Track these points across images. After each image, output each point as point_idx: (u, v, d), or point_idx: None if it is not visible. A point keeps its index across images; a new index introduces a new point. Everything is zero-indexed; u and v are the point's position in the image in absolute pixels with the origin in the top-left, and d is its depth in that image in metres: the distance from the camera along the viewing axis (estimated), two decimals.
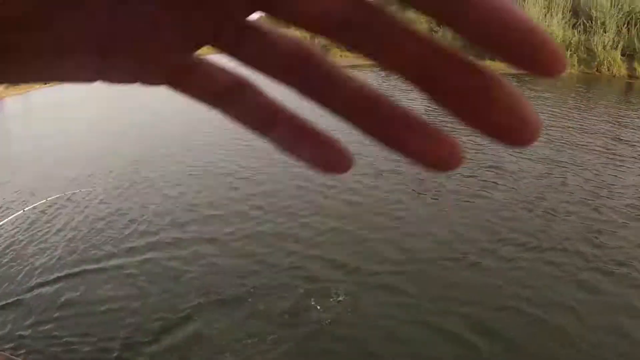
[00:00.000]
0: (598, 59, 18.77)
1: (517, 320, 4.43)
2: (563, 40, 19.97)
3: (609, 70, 18.52)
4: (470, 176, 7.97)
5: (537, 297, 4.74)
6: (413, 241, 5.95)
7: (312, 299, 4.74)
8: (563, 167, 8.69)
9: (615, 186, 7.84)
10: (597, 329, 4.28)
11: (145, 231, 6.44)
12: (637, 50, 18.45)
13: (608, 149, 9.85)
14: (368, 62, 0.22)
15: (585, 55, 19.27)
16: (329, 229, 6.30)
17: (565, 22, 20.37)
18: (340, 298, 4.75)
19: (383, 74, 21.08)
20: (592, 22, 19.57)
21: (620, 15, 19.15)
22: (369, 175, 7.95)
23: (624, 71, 18.39)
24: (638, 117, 12.53)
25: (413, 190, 7.60)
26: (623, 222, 6.44)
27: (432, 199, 7.38)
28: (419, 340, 4.22)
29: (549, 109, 13.26)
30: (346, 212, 6.82)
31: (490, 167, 8.49)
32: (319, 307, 4.62)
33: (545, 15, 20.58)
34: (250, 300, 4.80)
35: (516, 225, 6.33)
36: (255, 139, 0.28)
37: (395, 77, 0.20)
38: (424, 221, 6.60)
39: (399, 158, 0.24)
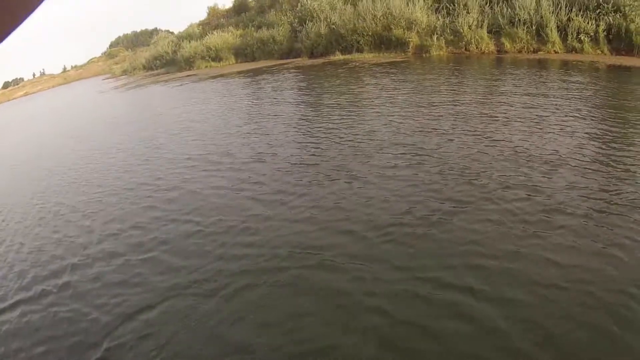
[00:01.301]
0: (465, 39, 18.16)
1: None
2: (428, 25, 19.32)
3: (477, 47, 17.94)
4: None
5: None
6: None
7: None
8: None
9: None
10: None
11: None
12: (502, 26, 18.04)
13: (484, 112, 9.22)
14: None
15: (452, 37, 18.64)
16: None
17: (428, 8, 19.76)
18: None
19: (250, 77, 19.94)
20: (454, 5, 19.11)
21: None
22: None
23: (492, 47, 17.89)
24: (504, 85, 11.97)
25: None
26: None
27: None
28: None
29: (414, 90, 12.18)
30: None
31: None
32: None
33: (408, 3, 19.91)
34: None
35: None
36: None
37: None
38: None
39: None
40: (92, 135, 14.67)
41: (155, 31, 51.32)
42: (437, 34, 18.82)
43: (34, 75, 61.67)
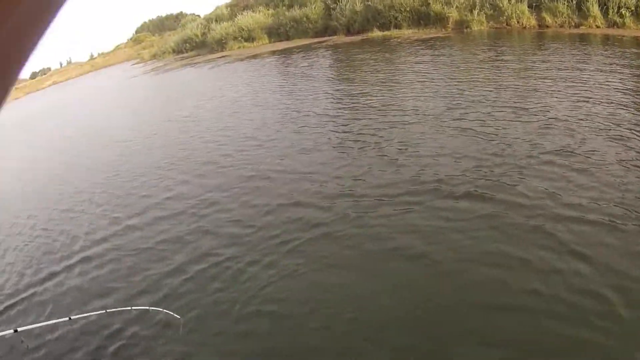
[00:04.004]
0: (506, 13, 18.69)
1: None
2: (467, 0, 19.86)
3: (518, 22, 18.47)
4: None
5: None
6: None
7: None
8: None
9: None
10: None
11: None
12: (542, 1, 18.50)
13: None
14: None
15: (492, 12, 19.18)
16: None
17: None
18: None
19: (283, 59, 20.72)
20: None
21: None
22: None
23: (533, 22, 18.40)
24: (541, 61, 12.66)
25: None
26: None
27: None
28: None
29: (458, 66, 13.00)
30: None
31: None
32: None
33: None
34: None
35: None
36: None
37: None
38: None
39: None
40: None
41: (181, 15, 52.49)
42: (477, 9, 19.35)
43: (60, 64, 63.48)
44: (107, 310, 3.98)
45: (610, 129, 7.08)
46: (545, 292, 3.86)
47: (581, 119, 7.66)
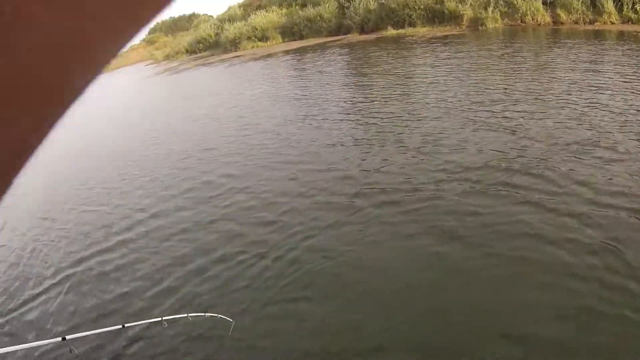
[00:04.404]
0: (520, 11, 18.91)
1: None
2: None
3: (533, 19, 18.68)
4: None
5: None
6: None
7: None
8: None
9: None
10: None
11: None
12: None
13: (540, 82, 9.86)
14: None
15: (506, 9, 19.40)
16: None
17: None
18: None
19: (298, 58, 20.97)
20: None
21: None
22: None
23: (548, 19, 18.61)
24: (557, 56, 12.84)
25: None
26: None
27: None
28: None
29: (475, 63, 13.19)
30: None
31: None
32: None
33: None
34: None
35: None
36: None
37: None
38: None
39: None
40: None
41: (194, 15, 53.03)
42: (490, 6, 19.58)
43: None
44: (163, 319, 3.75)
45: (631, 121, 7.36)
46: (579, 290, 4.00)
47: (602, 113, 7.94)
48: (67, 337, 3.28)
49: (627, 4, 16.58)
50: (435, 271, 4.63)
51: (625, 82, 9.50)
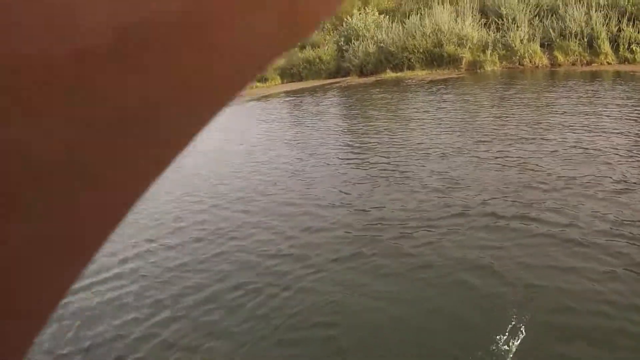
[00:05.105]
0: (518, 53, 19.39)
1: None
2: (479, 41, 20.63)
3: (531, 62, 19.15)
4: None
5: None
6: None
7: None
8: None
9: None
10: None
11: None
12: (554, 40, 19.24)
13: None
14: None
15: (504, 52, 19.90)
16: None
17: (476, 23, 21.12)
18: None
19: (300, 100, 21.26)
20: (502, 20, 20.44)
21: (529, 9, 20.09)
22: None
23: (545, 61, 19.08)
24: (556, 97, 13.16)
25: None
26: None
27: None
28: None
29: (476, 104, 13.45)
30: None
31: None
32: None
33: (456, 19, 21.32)
34: None
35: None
36: None
37: None
38: None
39: None
40: None
41: None
42: (489, 49, 20.10)
43: None
44: None
45: (633, 157, 7.50)
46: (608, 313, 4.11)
47: (602, 149, 8.08)
48: None
49: (623, 44, 17.07)
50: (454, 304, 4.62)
51: (628, 119, 9.71)
